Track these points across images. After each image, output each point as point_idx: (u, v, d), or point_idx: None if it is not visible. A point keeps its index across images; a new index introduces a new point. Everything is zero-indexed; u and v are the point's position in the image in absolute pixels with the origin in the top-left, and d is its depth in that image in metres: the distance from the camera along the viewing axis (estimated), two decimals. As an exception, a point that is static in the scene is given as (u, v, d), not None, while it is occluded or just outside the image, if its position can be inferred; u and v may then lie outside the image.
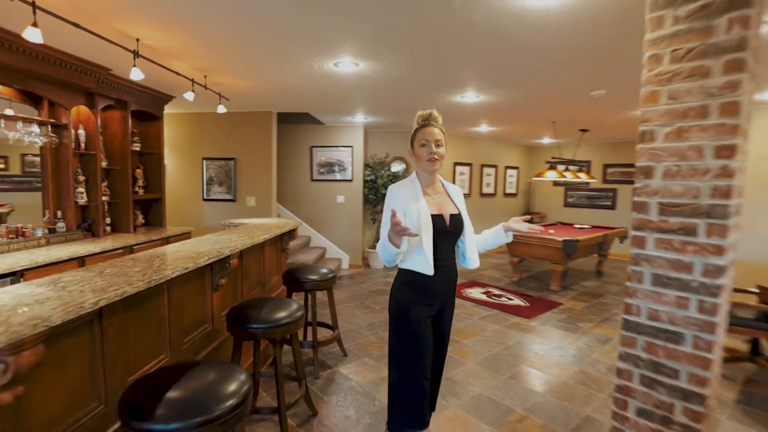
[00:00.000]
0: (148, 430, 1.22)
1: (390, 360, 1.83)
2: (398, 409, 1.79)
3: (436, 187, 1.87)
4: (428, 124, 1.81)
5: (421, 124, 1.83)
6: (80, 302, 1.27)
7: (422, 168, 1.82)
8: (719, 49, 1.55)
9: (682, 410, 1.69)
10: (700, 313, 1.63)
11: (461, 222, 1.85)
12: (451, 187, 1.97)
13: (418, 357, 1.75)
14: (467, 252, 1.87)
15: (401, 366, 1.77)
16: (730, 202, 1.56)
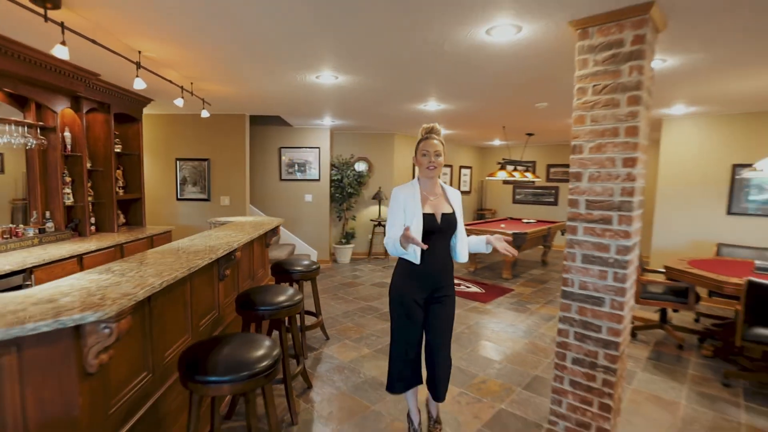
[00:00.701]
0: (208, 381, 1.56)
1: (390, 335, 2.22)
2: (393, 374, 2.19)
3: (434, 190, 2.13)
4: (429, 137, 2.08)
5: (424, 136, 2.10)
6: (150, 283, 1.56)
7: (423, 174, 2.14)
8: (624, 87, 2.13)
9: (603, 356, 2.27)
10: (615, 281, 2.21)
11: (453, 220, 2.10)
12: (450, 190, 2.20)
13: (407, 333, 2.12)
14: (457, 247, 2.15)
15: (395, 340, 2.16)
16: (633, 199, 2.15)
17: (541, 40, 2.55)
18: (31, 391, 1.26)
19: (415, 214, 2.03)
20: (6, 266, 2.43)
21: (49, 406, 1.30)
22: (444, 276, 2.13)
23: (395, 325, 2.16)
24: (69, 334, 1.31)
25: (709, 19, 2.22)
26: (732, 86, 3.60)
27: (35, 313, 1.23)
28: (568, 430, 2.41)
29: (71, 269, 2.95)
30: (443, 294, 2.14)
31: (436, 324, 2.13)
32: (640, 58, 2.08)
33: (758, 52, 2.71)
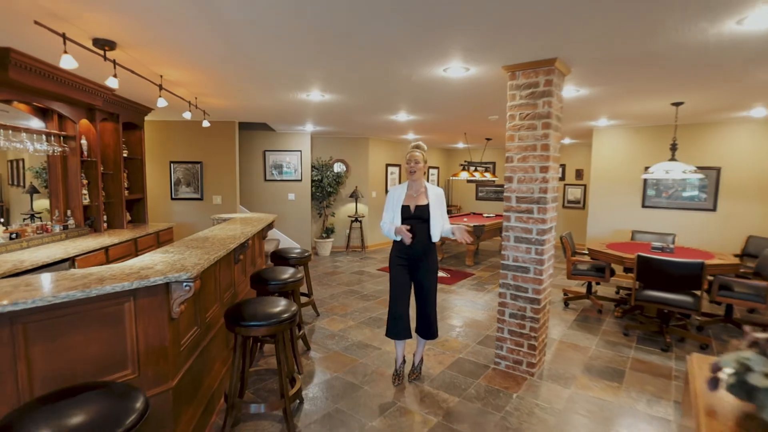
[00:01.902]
0: (246, 326, 2.22)
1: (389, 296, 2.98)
2: (389, 324, 2.95)
3: (417, 189, 2.90)
4: (413, 149, 2.91)
5: (410, 149, 2.96)
6: (207, 257, 2.21)
7: (408, 176, 2.96)
8: (539, 116, 2.96)
9: (530, 310, 3.10)
10: (536, 255, 3.05)
11: (425, 211, 2.83)
12: (432, 190, 2.91)
13: (395, 293, 2.91)
14: (431, 230, 2.83)
15: (391, 298, 2.94)
16: (547, 195, 2.99)
17: (483, 77, 3.36)
18: (141, 327, 1.90)
19: (396, 206, 2.88)
20: (57, 255, 2.96)
21: (151, 338, 1.94)
22: (422, 249, 2.85)
23: (390, 287, 2.94)
24: (162, 289, 1.95)
25: (596, 68, 3.10)
26: (633, 107, 4.59)
27: (147, 274, 1.87)
28: (507, 367, 3.24)
29: (101, 258, 3.48)
30: (423, 262, 2.88)
31: (422, 284, 2.91)
32: (550, 96, 2.92)
33: (633, 87, 3.66)
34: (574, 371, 3.23)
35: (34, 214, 3.95)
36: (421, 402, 2.76)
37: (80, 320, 1.71)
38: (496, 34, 2.43)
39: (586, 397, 2.84)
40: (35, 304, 1.47)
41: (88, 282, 1.70)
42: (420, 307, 2.96)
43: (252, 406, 2.29)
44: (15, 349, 1.54)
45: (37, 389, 1.59)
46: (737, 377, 1.03)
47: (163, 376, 1.98)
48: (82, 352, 1.72)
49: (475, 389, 2.94)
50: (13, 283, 1.67)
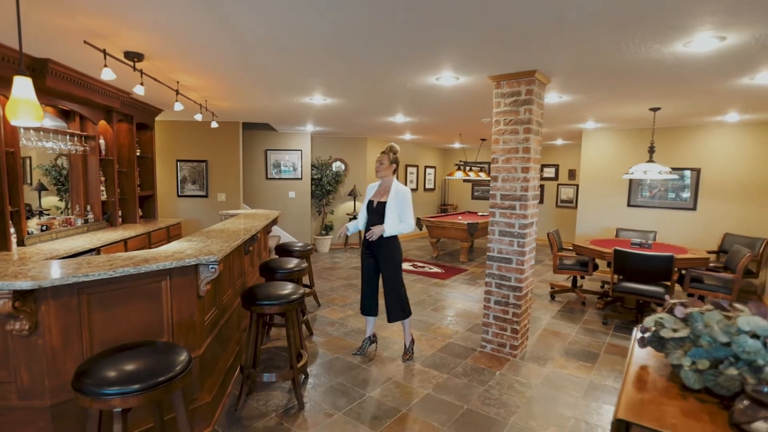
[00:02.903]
0: (260, 304, 2.54)
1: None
2: (361, 303, 3.39)
3: (384, 187, 3.30)
4: (382, 152, 3.32)
5: (382, 152, 3.33)
6: (228, 245, 2.53)
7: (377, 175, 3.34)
8: (521, 122, 3.29)
9: (513, 297, 3.44)
10: (518, 247, 3.38)
11: (382, 207, 3.19)
12: (397, 189, 3.23)
13: (362, 276, 3.36)
14: (385, 223, 3.17)
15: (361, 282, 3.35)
16: (528, 193, 3.32)
17: (472, 85, 3.69)
18: (175, 302, 2.21)
19: (365, 200, 3.32)
20: (85, 246, 3.26)
21: (182, 313, 2.25)
22: (378, 241, 3.21)
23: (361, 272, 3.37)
24: (192, 270, 2.27)
25: (573, 78, 3.43)
26: (614, 111, 4.94)
27: (181, 257, 2.18)
28: (492, 349, 3.57)
29: (121, 249, 3.78)
30: (382, 253, 3.25)
31: (382, 273, 3.31)
32: (531, 104, 3.25)
33: (610, 94, 4.00)
34: (553, 354, 3.57)
35: (43, 211, 4.22)
36: (413, 377, 3.09)
37: (129, 294, 2.02)
38: (482, 49, 2.75)
39: (560, 375, 3.18)
40: (101, 276, 1.78)
41: (137, 261, 2.01)
42: (384, 293, 3.33)
43: (265, 375, 2.60)
44: (81, 315, 1.86)
45: (96, 349, 1.91)
46: (654, 334, 1.35)
47: (192, 345, 2.29)
48: (129, 321, 2.04)
49: (462, 368, 3.27)
50: (77, 261, 1.98)
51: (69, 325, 1.81)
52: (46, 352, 1.77)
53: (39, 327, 1.75)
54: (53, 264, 1.94)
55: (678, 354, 1.11)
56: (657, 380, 1.16)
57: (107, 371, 1.47)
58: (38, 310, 1.73)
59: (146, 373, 1.48)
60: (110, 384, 1.41)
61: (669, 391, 1.09)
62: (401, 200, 3.23)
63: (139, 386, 1.42)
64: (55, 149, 3.61)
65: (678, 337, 1.14)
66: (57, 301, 1.76)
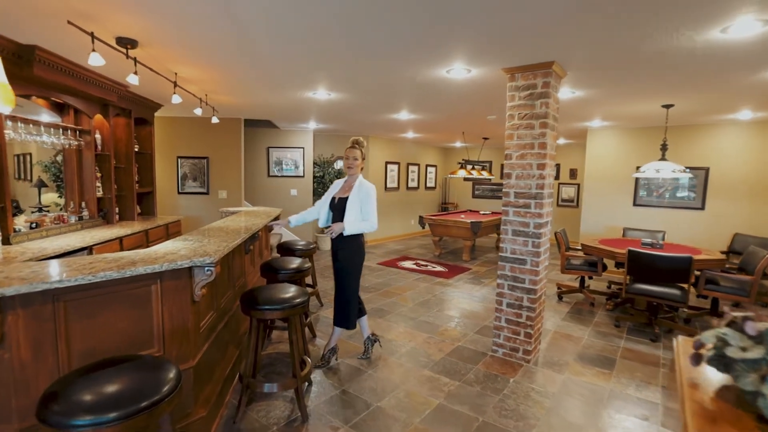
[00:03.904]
0: (261, 309, 2.37)
1: None
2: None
3: (349, 183, 3.11)
4: (352, 146, 3.08)
5: (349, 145, 3.13)
6: (225, 245, 2.36)
7: (344, 171, 3.14)
8: (537, 116, 3.13)
9: (527, 299, 3.27)
10: (533, 247, 3.22)
11: (343, 203, 3.01)
12: (362, 186, 3.03)
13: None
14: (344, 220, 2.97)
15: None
16: (544, 191, 3.16)
17: (484, 78, 3.52)
18: (166, 308, 2.05)
19: (329, 196, 3.16)
20: (76, 244, 3.09)
21: (175, 319, 2.08)
22: (338, 239, 3.04)
23: None
24: (186, 273, 2.10)
25: (591, 71, 3.26)
26: (625, 109, 4.77)
27: (173, 258, 2.02)
28: (504, 354, 3.41)
29: (116, 248, 3.62)
30: (339, 251, 3.08)
31: (336, 272, 3.13)
32: (547, 97, 3.08)
33: (626, 90, 3.83)
34: (567, 359, 3.41)
35: (42, 207, 4.07)
36: (423, 385, 2.93)
37: (113, 300, 1.85)
38: (497, 39, 2.59)
39: (578, 382, 3.02)
40: (78, 282, 1.62)
41: (121, 264, 1.85)
42: (335, 293, 3.16)
43: (266, 385, 2.44)
44: (56, 325, 1.69)
45: (75, 363, 1.74)
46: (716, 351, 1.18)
47: (185, 355, 2.13)
48: (114, 330, 1.87)
49: (474, 374, 3.11)
50: (53, 264, 1.82)
51: (41, 337, 1.64)
52: (13, 368, 1.59)
53: (4, 340, 1.56)
54: (27, 267, 1.77)
55: (752, 379, 0.95)
56: (723, 408, 1.00)
57: (80, 394, 1.27)
58: (3, 321, 1.55)
59: (127, 396, 1.28)
60: (82, 411, 1.20)
61: (743, 422, 0.93)
62: (364, 197, 3.02)
63: (117, 414, 1.21)
64: (47, 143, 3.44)
65: (751, 359, 0.97)
66: (27, 310, 1.59)
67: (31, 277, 1.59)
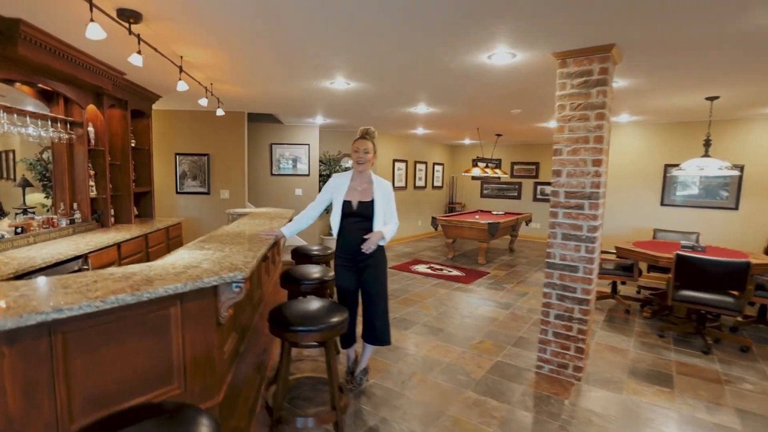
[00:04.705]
0: (296, 331, 2.00)
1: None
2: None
3: (362, 182, 2.64)
4: (362, 137, 2.62)
5: (359, 136, 2.64)
6: (252, 254, 1.98)
7: (354, 167, 2.69)
8: (593, 106, 2.80)
9: (578, 311, 2.95)
10: (586, 253, 2.89)
11: (369, 208, 2.58)
12: (380, 183, 2.64)
13: (339, 298, 2.67)
14: (374, 228, 2.59)
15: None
16: (599, 190, 2.83)
17: (530, 64, 3.18)
18: (188, 334, 1.66)
19: (338, 199, 2.64)
20: (69, 252, 2.68)
21: (198, 347, 1.70)
22: (360, 250, 2.58)
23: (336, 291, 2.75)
24: (210, 292, 1.72)
25: (651, 56, 2.95)
26: (663, 102, 4.48)
27: (197, 275, 1.64)
28: (551, 371, 3.08)
29: (113, 256, 3.21)
30: (371, 262, 2.65)
31: (366, 288, 2.69)
32: (605, 85, 2.75)
33: (679, 78, 3.53)
34: (620, 375, 3.09)
35: (27, 208, 3.63)
36: (470, 410, 2.58)
37: (123, 328, 1.47)
38: (549, 17, 2.27)
39: (640, 404, 2.70)
40: (82, 310, 1.23)
41: (135, 283, 1.46)
42: (366, 311, 2.72)
43: (299, 419, 2.08)
44: (53, 365, 1.30)
45: (77, 411, 1.35)
46: None
47: (209, 390, 1.75)
48: (124, 366, 1.48)
49: (522, 395, 2.77)
50: (47, 284, 1.43)
51: (35, 380, 1.25)
52: (-1, 421, 1.21)
53: (-9, 383, 1.19)
54: (14, 289, 1.37)
55: None
56: None
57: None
58: (-16, 362, 1.17)
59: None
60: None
61: None
62: (388, 196, 2.67)
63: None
64: (34, 136, 3.01)
65: None
66: (15, 348, 1.20)
67: (21, 304, 1.20)
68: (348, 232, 2.64)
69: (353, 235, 2.62)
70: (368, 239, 2.56)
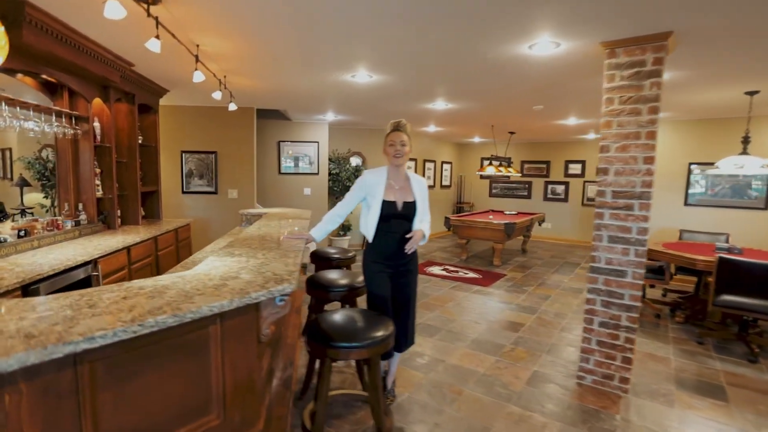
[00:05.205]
0: (339, 348, 1.79)
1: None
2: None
3: (400, 179, 2.41)
4: (397, 129, 2.38)
5: (392, 128, 2.39)
6: (292, 261, 1.77)
7: (390, 162, 2.41)
8: (645, 99, 2.60)
9: (626, 318, 2.75)
10: (636, 257, 2.69)
11: (413, 209, 2.39)
12: (415, 179, 2.46)
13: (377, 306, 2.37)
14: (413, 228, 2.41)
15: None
16: (651, 189, 2.64)
17: (570, 55, 2.98)
18: (228, 356, 1.45)
19: (376, 199, 2.35)
20: (78, 257, 2.45)
21: (239, 370, 1.49)
22: (402, 253, 2.39)
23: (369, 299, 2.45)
24: (252, 307, 1.51)
25: (703, 48, 2.76)
26: (694, 98, 4.30)
27: (241, 288, 1.42)
28: (595, 382, 2.89)
29: (123, 260, 2.98)
30: (408, 267, 2.45)
31: (404, 292, 2.46)
32: (658, 76, 2.55)
33: (720, 73, 3.35)
34: (667, 387, 2.90)
35: (25, 209, 3.40)
36: (517, 427, 2.38)
37: (158, 353, 1.25)
38: (601, 3, 2.11)
39: (699, 420, 2.51)
40: (117, 336, 1.01)
41: (173, 301, 1.24)
42: (401, 318, 2.48)
43: (342, 445, 1.86)
44: (79, 400, 1.08)
45: (107, 451, 1.13)
46: None
47: (250, 418, 1.53)
48: (158, 396, 1.27)
49: (569, 409, 2.58)
50: (69, 301, 1.20)
51: (58, 419, 1.03)
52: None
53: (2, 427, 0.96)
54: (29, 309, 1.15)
55: None
56: None
57: None
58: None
59: None
60: None
61: None
62: (425, 195, 2.47)
63: None
64: (36, 131, 2.77)
65: None
66: (34, 383, 0.97)
67: (43, 331, 0.98)
68: (387, 234, 2.40)
69: (395, 238, 2.39)
70: (411, 239, 2.35)
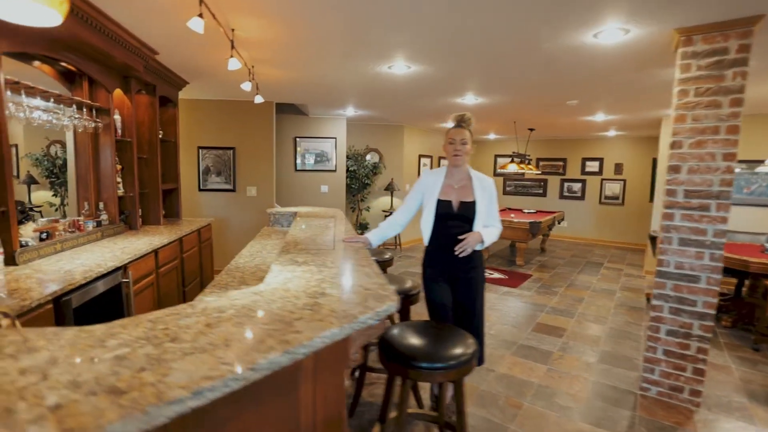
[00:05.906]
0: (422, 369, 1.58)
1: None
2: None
3: (459, 179, 2.24)
4: (459, 126, 2.21)
5: (454, 124, 2.26)
6: (376, 272, 1.55)
7: (449, 161, 2.26)
8: (726, 91, 2.39)
9: (699, 327, 2.56)
10: (711, 261, 2.49)
11: (472, 209, 2.18)
12: (480, 180, 2.26)
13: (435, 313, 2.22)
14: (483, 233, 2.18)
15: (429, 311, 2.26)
16: (730, 188, 2.44)
17: (637, 44, 2.76)
18: (320, 390, 1.22)
19: (431, 199, 2.22)
20: (108, 262, 2.21)
21: (330, 406, 1.26)
22: (466, 260, 2.20)
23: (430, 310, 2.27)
24: (342, 328, 1.28)
25: (788, 33, 2.55)
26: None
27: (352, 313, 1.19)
28: (660, 394, 2.70)
29: (152, 264, 2.74)
30: (468, 276, 2.25)
31: (464, 303, 2.27)
32: (744, 65, 2.34)
33: (795, 63, 3.14)
34: (738, 399, 2.72)
35: (33, 207, 3.16)
36: (593, 449, 2.19)
37: (250, 395, 1.02)
38: None
39: (784, 436, 2.33)
40: (228, 387, 0.78)
41: (272, 330, 1.01)
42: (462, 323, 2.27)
43: (422, 476, 1.65)
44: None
45: None
46: None
47: (337, 455, 1.31)
48: (247, 440, 1.04)
49: (640, 425, 2.39)
50: (143, 334, 0.96)
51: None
52: None
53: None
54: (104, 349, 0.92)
55: None
56: None
57: None
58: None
59: None
60: None
61: None
62: (491, 195, 2.26)
63: None
64: (55, 123, 2.51)
65: None
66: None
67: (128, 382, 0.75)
68: (445, 237, 2.21)
69: (451, 242, 2.19)
70: (465, 240, 2.12)
